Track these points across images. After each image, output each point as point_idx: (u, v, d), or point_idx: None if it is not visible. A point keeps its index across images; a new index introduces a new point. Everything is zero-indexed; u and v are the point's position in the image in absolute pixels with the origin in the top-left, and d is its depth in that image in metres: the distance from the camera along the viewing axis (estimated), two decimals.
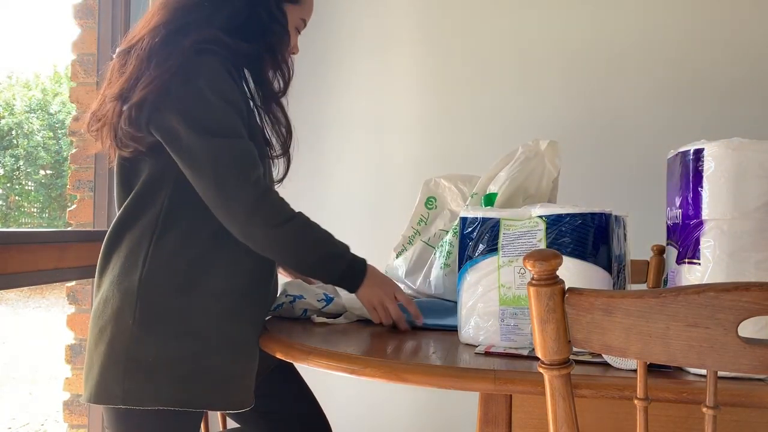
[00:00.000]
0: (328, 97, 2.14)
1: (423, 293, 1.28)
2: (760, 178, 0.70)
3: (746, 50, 1.81)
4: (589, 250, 0.86)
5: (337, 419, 1.66)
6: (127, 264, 1.00)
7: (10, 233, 1.28)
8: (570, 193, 1.44)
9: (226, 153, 0.95)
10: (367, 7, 2.12)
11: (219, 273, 1.01)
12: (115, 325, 0.97)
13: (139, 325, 0.97)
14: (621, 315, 0.55)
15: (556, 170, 1.10)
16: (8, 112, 11.87)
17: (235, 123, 0.98)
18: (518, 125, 1.98)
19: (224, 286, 1.02)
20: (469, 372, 0.77)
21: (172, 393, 0.96)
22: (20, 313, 7.28)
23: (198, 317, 0.99)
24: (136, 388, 0.95)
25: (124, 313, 0.97)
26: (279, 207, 0.99)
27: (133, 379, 0.96)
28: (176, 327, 0.98)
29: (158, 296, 0.98)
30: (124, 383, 0.95)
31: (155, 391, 0.95)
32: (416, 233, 1.37)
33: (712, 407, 0.57)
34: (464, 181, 1.38)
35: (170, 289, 0.99)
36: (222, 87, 0.98)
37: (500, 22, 2.01)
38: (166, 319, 0.98)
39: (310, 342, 0.95)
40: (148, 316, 0.97)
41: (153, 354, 0.96)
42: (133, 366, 0.96)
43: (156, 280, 0.99)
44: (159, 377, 0.96)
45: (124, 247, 1.02)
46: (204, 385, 0.98)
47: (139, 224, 1.01)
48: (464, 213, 0.99)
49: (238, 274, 1.04)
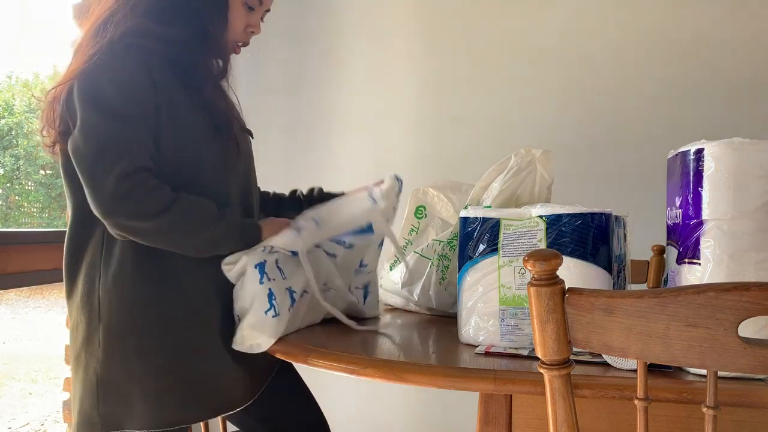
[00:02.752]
0: (325, 96, 2.14)
1: (424, 306, 1.28)
2: (760, 178, 0.70)
3: (747, 50, 1.81)
4: (589, 250, 0.86)
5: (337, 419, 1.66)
6: (86, 286, 0.97)
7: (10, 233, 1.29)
8: (570, 193, 1.44)
9: (92, 142, 0.90)
10: (365, 7, 2.12)
11: (175, 283, 0.98)
12: (86, 351, 0.96)
13: (105, 348, 0.94)
14: (621, 315, 0.55)
15: (550, 178, 1.09)
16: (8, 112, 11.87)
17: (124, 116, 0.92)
18: (518, 125, 1.98)
19: (183, 295, 0.98)
20: (469, 372, 0.77)
21: (146, 412, 0.94)
22: (20, 313, 7.28)
23: (161, 330, 0.96)
24: (112, 413, 0.94)
25: (92, 337, 0.95)
26: (147, 198, 0.91)
27: (108, 403, 0.94)
28: (140, 344, 0.95)
29: (119, 315, 0.95)
30: (98, 408, 0.94)
31: (131, 413, 0.93)
32: (408, 243, 1.38)
33: (712, 407, 0.57)
34: (453, 190, 1.38)
35: (128, 305, 0.95)
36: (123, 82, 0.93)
37: (499, 22, 2.01)
38: (129, 338, 0.95)
39: (310, 342, 0.95)
40: (112, 337, 0.95)
41: (122, 375, 0.94)
42: (103, 390, 0.94)
43: (113, 299, 0.95)
44: (132, 398, 0.94)
45: (82, 268, 0.98)
46: (177, 398, 0.95)
47: (91, 241, 0.98)
48: (464, 213, 0.99)
49: (195, 281, 1.00)
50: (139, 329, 0.95)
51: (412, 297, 1.29)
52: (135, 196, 0.89)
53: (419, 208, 1.40)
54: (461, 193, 1.37)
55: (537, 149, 1.10)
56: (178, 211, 0.93)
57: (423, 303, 1.28)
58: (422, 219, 1.39)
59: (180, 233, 0.95)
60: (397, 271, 1.34)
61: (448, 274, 1.24)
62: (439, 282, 1.24)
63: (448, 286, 1.24)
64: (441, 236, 1.32)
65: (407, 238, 1.39)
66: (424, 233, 1.38)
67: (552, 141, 1.92)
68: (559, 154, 1.24)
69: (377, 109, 2.11)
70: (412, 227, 1.39)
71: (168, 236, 0.94)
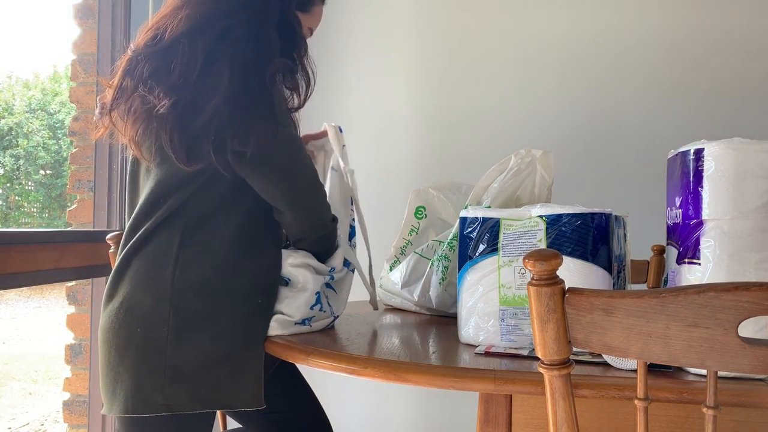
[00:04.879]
0: (325, 97, 2.14)
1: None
2: (760, 178, 0.70)
3: (747, 50, 1.82)
4: (589, 250, 0.86)
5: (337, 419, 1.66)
6: (154, 269, 0.99)
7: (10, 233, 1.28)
8: (570, 193, 1.44)
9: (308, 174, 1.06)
10: (365, 7, 2.13)
11: (245, 273, 1.01)
12: (146, 333, 0.96)
13: (175, 331, 0.96)
14: (621, 315, 0.55)
15: (550, 179, 1.09)
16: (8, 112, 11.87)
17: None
18: (517, 125, 1.98)
19: (250, 286, 1.02)
20: (469, 372, 0.77)
21: (211, 396, 0.96)
22: (20, 313, 7.28)
23: (227, 319, 0.99)
24: (177, 394, 0.95)
25: (156, 319, 0.96)
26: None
27: (174, 386, 0.95)
28: (210, 330, 0.98)
29: (191, 301, 0.97)
30: (164, 390, 0.95)
31: (195, 396, 0.96)
32: (408, 243, 1.38)
33: (712, 407, 0.57)
34: (453, 190, 1.39)
35: (202, 292, 0.98)
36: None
37: (499, 22, 2.01)
38: (200, 324, 0.97)
39: (310, 342, 0.95)
40: (183, 321, 0.96)
41: (190, 359, 0.96)
42: (172, 373, 0.95)
43: (188, 284, 0.98)
44: (197, 381, 0.96)
45: (150, 251, 1.00)
46: (237, 385, 0.98)
47: (167, 226, 1.00)
48: (464, 213, 0.99)
49: (261, 274, 1.03)
50: (212, 316, 0.98)
51: (412, 297, 1.29)
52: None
53: (419, 209, 1.40)
54: (461, 193, 1.37)
55: (537, 150, 1.10)
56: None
57: (423, 303, 1.28)
58: (422, 219, 1.39)
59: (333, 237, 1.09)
60: (397, 272, 1.34)
61: (447, 274, 1.24)
62: (439, 282, 1.24)
63: (447, 286, 1.24)
64: (441, 236, 1.32)
65: (407, 238, 1.39)
66: (425, 233, 1.39)
67: (552, 141, 1.93)
68: (559, 154, 1.25)
69: (377, 109, 2.11)
70: (412, 227, 1.39)
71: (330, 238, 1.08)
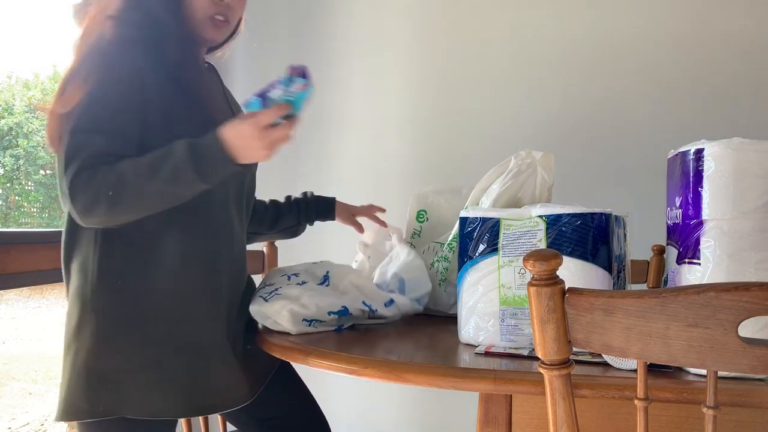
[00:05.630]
0: (325, 97, 2.14)
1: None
2: (760, 178, 0.70)
3: (747, 50, 1.81)
4: (589, 250, 0.86)
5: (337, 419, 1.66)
6: (80, 275, 0.98)
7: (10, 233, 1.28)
8: (570, 193, 1.44)
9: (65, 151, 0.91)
10: (364, 8, 2.12)
11: (164, 274, 0.98)
12: (77, 340, 0.96)
13: (98, 338, 0.95)
14: (621, 315, 0.55)
15: (550, 180, 1.09)
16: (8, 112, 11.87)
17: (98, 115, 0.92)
18: (516, 125, 1.98)
19: (172, 287, 0.98)
20: (469, 372, 0.77)
21: (139, 403, 0.94)
22: (20, 313, 7.28)
23: (152, 323, 0.97)
24: (102, 401, 0.94)
25: (84, 326, 0.96)
26: (95, 185, 0.90)
27: (99, 393, 0.94)
28: (134, 336, 0.96)
29: (111, 306, 0.96)
30: (89, 397, 0.94)
31: (122, 403, 0.94)
32: (411, 246, 1.39)
33: (712, 407, 0.57)
34: (454, 193, 1.39)
35: (120, 297, 0.96)
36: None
37: (498, 22, 2.01)
38: (122, 329, 0.96)
39: (310, 342, 0.95)
40: (104, 327, 0.95)
41: (115, 366, 0.95)
42: (96, 379, 0.94)
43: (105, 289, 0.96)
44: (124, 389, 0.94)
45: (76, 258, 0.99)
46: (168, 392, 0.96)
47: (85, 233, 0.98)
48: (464, 213, 0.99)
49: (183, 273, 0.99)
50: (134, 321, 0.96)
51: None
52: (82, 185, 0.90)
53: (420, 212, 1.41)
54: (461, 196, 1.38)
55: (537, 152, 1.10)
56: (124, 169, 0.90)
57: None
58: (424, 223, 1.40)
59: (134, 187, 0.90)
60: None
61: (447, 275, 1.24)
62: (439, 283, 1.25)
63: (447, 287, 1.24)
64: (441, 239, 1.33)
65: (410, 241, 1.40)
66: (426, 237, 1.39)
67: (552, 141, 1.93)
68: (559, 154, 1.25)
69: (376, 110, 2.11)
70: (414, 231, 1.40)
71: (126, 193, 0.90)
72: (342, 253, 1.65)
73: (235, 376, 1.03)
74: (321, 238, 2.00)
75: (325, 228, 1.50)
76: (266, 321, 1.05)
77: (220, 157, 0.91)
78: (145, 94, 0.96)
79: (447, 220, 1.38)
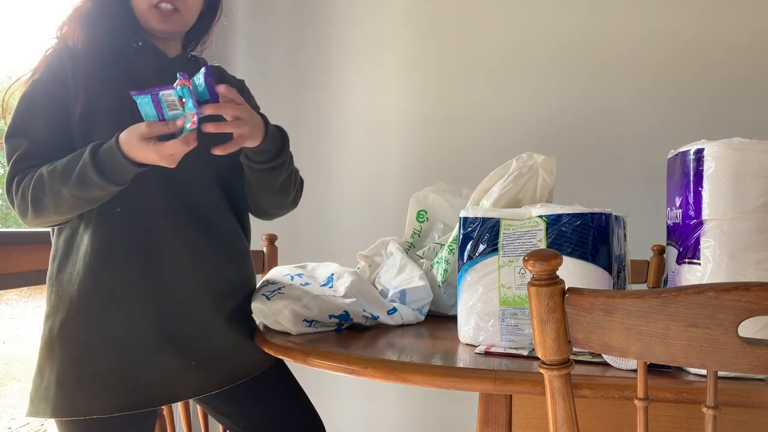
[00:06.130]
0: (324, 98, 2.14)
1: None
2: (760, 178, 0.70)
3: (746, 50, 1.81)
4: (589, 250, 0.86)
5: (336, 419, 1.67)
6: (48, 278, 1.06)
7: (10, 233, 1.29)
8: (570, 193, 1.44)
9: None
10: (363, 8, 2.12)
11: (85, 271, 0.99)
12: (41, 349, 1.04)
13: (44, 340, 1.02)
14: (621, 315, 0.55)
15: (551, 183, 1.09)
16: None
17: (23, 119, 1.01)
18: (517, 125, 1.98)
19: (93, 284, 0.98)
20: (469, 372, 0.77)
21: (61, 403, 0.96)
22: (20, 313, 7.28)
23: (74, 320, 0.99)
24: (37, 401, 0.99)
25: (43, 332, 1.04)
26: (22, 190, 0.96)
27: (36, 393, 1.00)
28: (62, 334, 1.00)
29: (51, 304, 1.02)
30: (32, 397, 1.00)
31: (50, 402, 0.97)
32: (411, 246, 1.39)
33: (712, 407, 0.57)
34: (453, 193, 1.39)
35: (57, 295, 1.01)
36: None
37: (498, 23, 2.01)
38: (57, 328, 1.00)
39: (310, 342, 0.95)
40: (47, 327, 1.02)
41: (48, 366, 1.00)
42: (38, 380, 1.00)
43: (51, 289, 1.03)
44: (53, 388, 0.98)
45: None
46: (91, 389, 0.97)
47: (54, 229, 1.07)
48: (464, 213, 0.99)
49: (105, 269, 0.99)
50: (61, 318, 0.99)
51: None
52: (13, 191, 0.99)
53: (420, 213, 1.41)
54: (462, 197, 1.38)
55: (539, 155, 1.10)
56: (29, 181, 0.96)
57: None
58: (424, 223, 1.40)
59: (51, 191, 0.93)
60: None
61: (447, 275, 1.24)
62: (439, 285, 1.25)
63: (447, 287, 1.24)
64: (442, 239, 1.33)
65: (410, 241, 1.40)
66: (427, 237, 1.39)
67: (552, 141, 1.93)
68: (559, 154, 1.25)
69: (376, 111, 2.11)
70: (414, 231, 1.40)
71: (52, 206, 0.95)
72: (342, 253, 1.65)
73: (174, 372, 1.01)
74: (322, 239, 2.00)
75: (325, 228, 1.50)
76: (267, 319, 1.05)
77: (119, 159, 0.91)
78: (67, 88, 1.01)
79: (447, 220, 1.38)
